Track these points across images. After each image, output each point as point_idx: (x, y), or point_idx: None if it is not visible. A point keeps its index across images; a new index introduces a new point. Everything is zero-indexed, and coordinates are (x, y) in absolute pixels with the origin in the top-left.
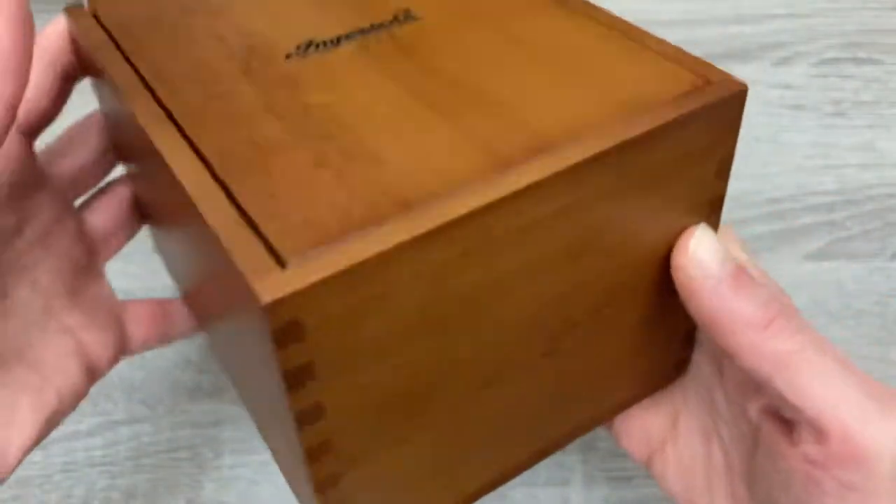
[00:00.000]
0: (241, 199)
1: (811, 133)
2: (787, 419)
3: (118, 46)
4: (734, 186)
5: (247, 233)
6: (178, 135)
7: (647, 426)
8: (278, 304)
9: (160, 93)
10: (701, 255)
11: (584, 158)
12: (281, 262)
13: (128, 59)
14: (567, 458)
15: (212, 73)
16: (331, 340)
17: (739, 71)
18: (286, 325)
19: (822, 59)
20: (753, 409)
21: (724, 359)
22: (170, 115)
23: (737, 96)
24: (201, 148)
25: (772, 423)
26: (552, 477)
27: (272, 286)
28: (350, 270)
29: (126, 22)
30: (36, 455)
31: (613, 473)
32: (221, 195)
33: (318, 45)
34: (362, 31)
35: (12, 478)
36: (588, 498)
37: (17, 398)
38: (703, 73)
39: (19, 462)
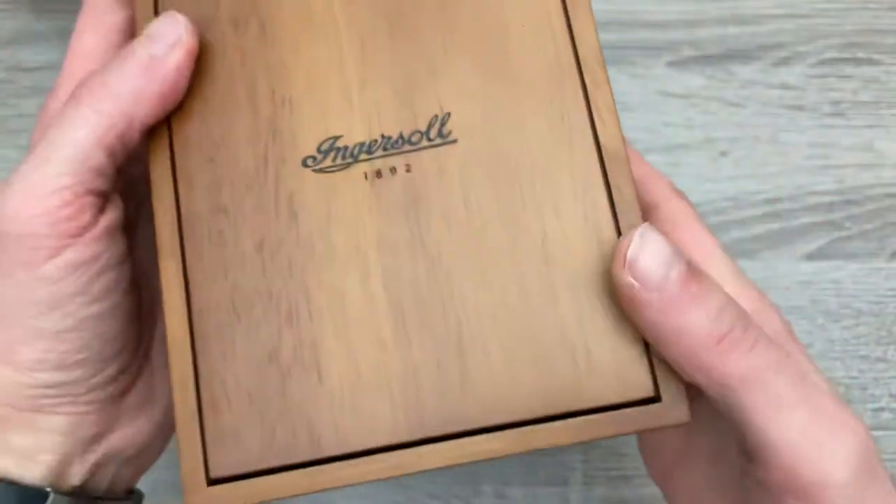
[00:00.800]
0: (200, 372)
1: (810, 133)
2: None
3: None
4: (733, 186)
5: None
6: (181, 276)
7: (659, 447)
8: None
9: (180, 187)
10: (642, 264)
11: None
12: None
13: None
14: (567, 458)
15: (230, 163)
16: None
17: (738, 71)
18: None
19: (821, 60)
20: None
21: None
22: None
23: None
24: (192, 294)
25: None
26: (552, 476)
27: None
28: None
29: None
30: None
31: (613, 473)
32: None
33: (338, 151)
34: (388, 143)
35: None
36: (587, 497)
37: None
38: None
39: None
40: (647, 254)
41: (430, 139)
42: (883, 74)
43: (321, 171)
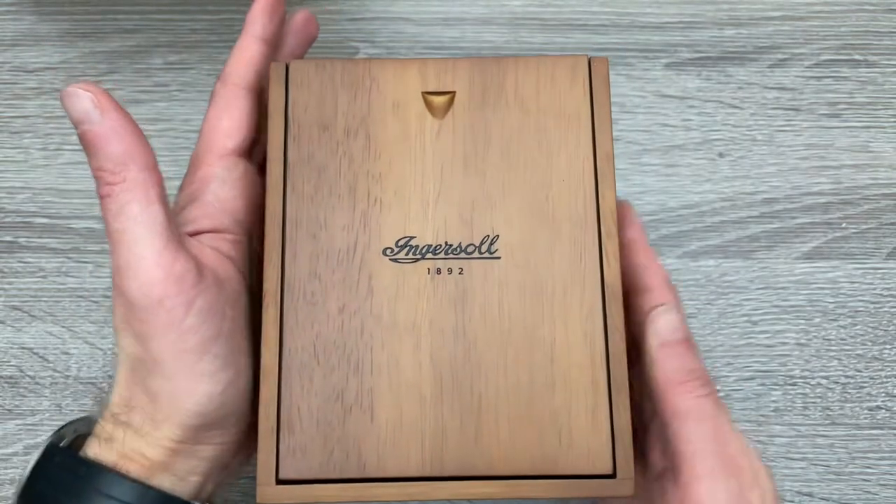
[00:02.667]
0: (282, 399)
1: (807, 134)
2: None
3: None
4: (730, 187)
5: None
6: (278, 321)
7: None
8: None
9: (287, 234)
10: (659, 325)
11: None
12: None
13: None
14: None
15: (328, 242)
16: None
17: (735, 73)
18: None
19: (818, 62)
20: None
21: None
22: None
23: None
24: (284, 336)
25: None
26: None
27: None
28: None
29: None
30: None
31: None
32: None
33: (410, 247)
34: (449, 249)
35: (17, 476)
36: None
37: None
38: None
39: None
40: (663, 319)
41: (480, 252)
42: (879, 76)
43: (395, 260)
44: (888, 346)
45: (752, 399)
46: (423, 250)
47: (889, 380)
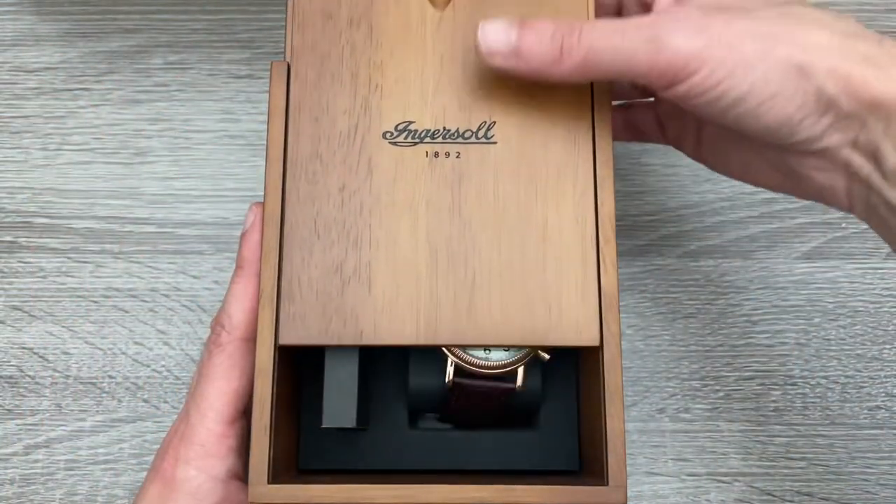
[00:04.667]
0: (283, 271)
1: None
2: None
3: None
4: (730, 187)
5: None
6: (279, 200)
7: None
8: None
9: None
10: (489, 39)
11: None
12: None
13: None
14: None
15: (330, 125)
16: None
17: None
18: None
19: None
20: None
21: None
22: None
23: None
24: (286, 213)
25: None
26: None
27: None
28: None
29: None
30: (40, 453)
31: None
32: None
33: (409, 132)
34: (447, 134)
35: (17, 475)
36: None
37: None
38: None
39: None
40: (489, 29)
41: (477, 137)
42: None
43: (395, 143)
44: (888, 346)
45: (752, 399)
46: (422, 134)
47: (889, 380)
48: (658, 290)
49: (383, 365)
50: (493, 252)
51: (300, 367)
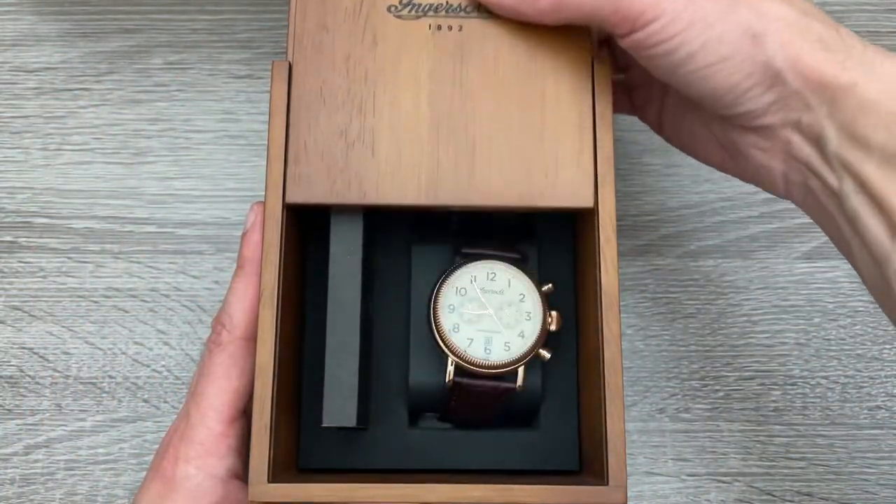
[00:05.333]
0: (290, 136)
1: None
2: None
3: None
4: (730, 187)
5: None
6: (287, 68)
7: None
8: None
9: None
10: None
11: None
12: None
13: None
14: None
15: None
16: None
17: None
18: None
19: None
20: None
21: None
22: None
23: None
24: (293, 82)
25: None
26: None
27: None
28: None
29: None
30: (40, 453)
31: None
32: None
33: (413, 5)
34: (450, 8)
35: (17, 475)
36: None
37: None
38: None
39: None
40: None
41: (479, 12)
42: None
43: (399, 17)
44: (888, 346)
45: (752, 399)
46: (426, 8)
47: (889, 380)
48: (658, 290)
49: (384, 364)
50: (492, 120)
51: (300, 367)
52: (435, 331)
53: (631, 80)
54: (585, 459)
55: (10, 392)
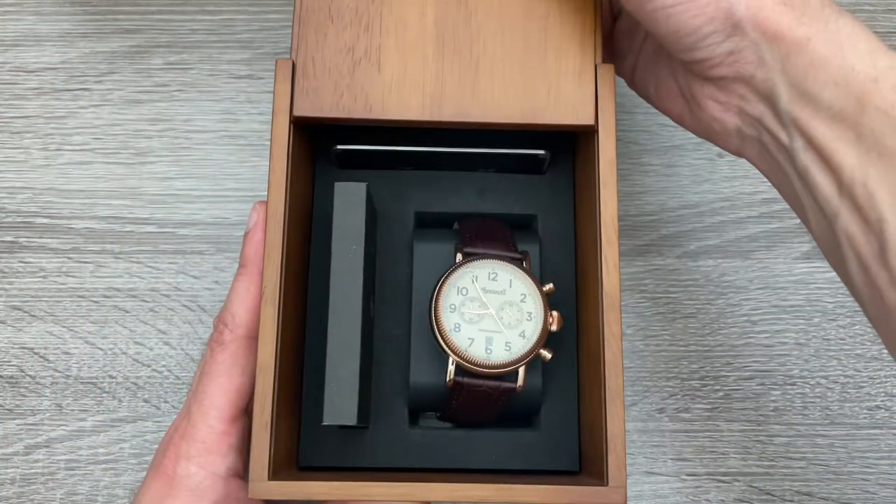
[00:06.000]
0: (298, 53)
1: None
2: None
3: None
4: (729, 187)
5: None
6: None
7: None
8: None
9: None
10: None
11: None
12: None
13: None
14: None
15: None
16: None
17: None
18: None
19: None
20: None
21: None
22: None
23: None
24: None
25: None
26: None
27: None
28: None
29: None
30: (40, 453)
31: None
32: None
33: None
34: None
35: (18, 475)
36: None
37: None
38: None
39: None
40: None
41: None
42: None
43: None
44: None
45: (752, 399)
46: None
47: (888, 379)
48: (658, 290)
49: (384, 363)
50: (496, 39)
51: (301, 366)
52: (436, 330)
53: (617, 30)
54: (585, 459)
55: (10, 392)
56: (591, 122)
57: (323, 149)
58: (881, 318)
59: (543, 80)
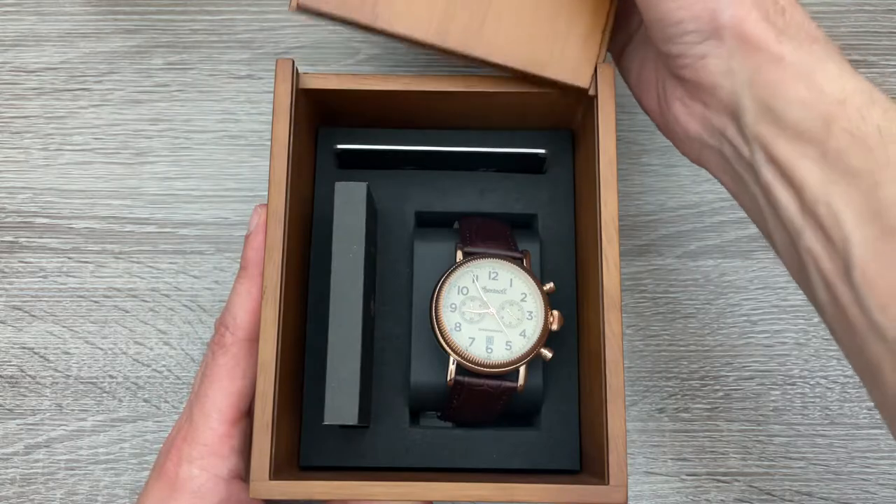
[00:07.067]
0: None
1: None
2: None
3: None
4: None
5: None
6: None
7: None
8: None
9: None
10: None
11: None
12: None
13: None
14: None
15: None
16: None
17: None
18: None
19: None
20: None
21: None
22: None
23: None
24: None
25: None
26: None
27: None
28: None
29: None
30: (40, 453)
31: None
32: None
33: None
34: None
35: (18, 475)
36: None
37: None
38: None
39: None
40: None
41: None
42: (878, 76)
43: None
44: None
45: (752, 399)
46: None
47: None
48: (658, 290)
49: (385, 363)
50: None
51: (302, 365)
52: (436, 329)
53: (620, 11)
54: (586, 459)
55: (10, 392)
56: (586, 84)
57: (325, 144)
58: (845, 336)
59: (551, 36)
